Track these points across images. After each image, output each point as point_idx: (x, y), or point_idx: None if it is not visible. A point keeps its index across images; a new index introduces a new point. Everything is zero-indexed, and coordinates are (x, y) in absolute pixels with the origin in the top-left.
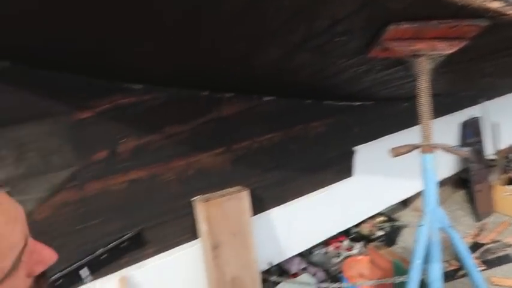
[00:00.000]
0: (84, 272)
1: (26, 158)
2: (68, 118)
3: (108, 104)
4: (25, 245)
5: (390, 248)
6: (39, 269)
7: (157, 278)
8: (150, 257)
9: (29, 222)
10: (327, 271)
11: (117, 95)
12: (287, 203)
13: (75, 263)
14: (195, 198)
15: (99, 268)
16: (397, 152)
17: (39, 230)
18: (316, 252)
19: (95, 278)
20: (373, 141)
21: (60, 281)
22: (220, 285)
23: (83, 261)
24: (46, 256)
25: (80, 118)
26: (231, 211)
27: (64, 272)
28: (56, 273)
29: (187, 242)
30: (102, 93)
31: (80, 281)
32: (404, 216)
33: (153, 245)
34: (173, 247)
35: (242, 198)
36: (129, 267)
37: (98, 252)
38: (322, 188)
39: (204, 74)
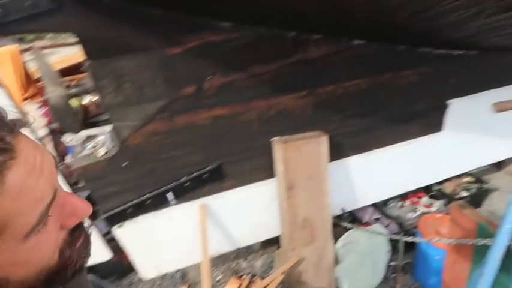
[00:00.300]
0: (170, 196)
1: (123, 88)
2: (160, 53)
3: (197, 40)
4: (53, 198)
5: (476, 210)
6: (72, 222)
7: (234, 210)
8: (229, 189)
9: (123, 147)
10: (400, 224)
11: (207, 32)
12: (367, 152)
13: (162, 187)
14: (274, 139)
15: (183, 194)
16: (502, 107)
17: (132, 155)
18: (392, 204)
19: (179, 203)
20: (471, 95)
21: (149, 201)
22: (291, 224)
23: (169, 186)
24: (79, 209)
25: (171, 53)
26: (308, 154)
27: (153, 193)
28: (145, 194)
29: (263, 180)
30: (193, 29)
31: (167, 203)
32: (496, 179)
33: (231, 179)
34: (250, 183)
35: (320, 143)
36: (209, 197)
37: (182, 180)
38: (406, 140)
39: (292, 14)
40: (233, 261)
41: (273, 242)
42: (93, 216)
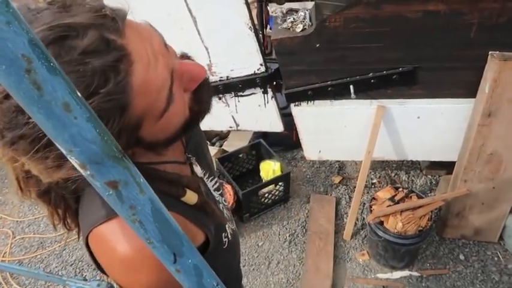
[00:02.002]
0: (352, 89)
1: None
2: None
3: None
4: (173, 78)
5: None
6: (192, 86)
7: (413, 121)
8: (415, 98)
9: (320, 27)
10: None
11: None
12: None
13: (347, 77)
14: (492, 52)
15: (366, 90)
16: None
17: (327, 37)
18: None
19: (358, 98)
20: None
21: (331, 88)
22: (474, 154)
23: (354, 78)
24: (195, 74)
25: None
26: None
27: (336, 82)
28: (328, 81)
29: (459, 97)
30: None
31: (347, 95)
32: None
33: (422, 87)
34: (442, 97)
35: None
36: (391, 100)
37: (369, 75)
38: None
39: None
40: (393, 171)
41: (443, 166)
42: (276, 89)
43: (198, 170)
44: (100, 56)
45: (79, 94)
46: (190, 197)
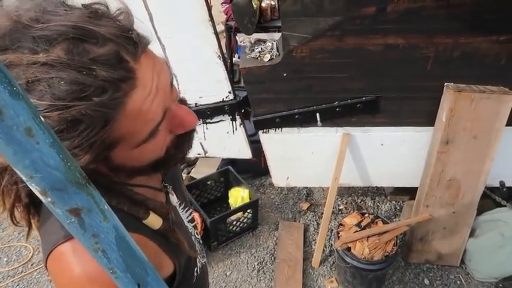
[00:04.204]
0: (318, 117)
1: None
2: None
3: None
4: (163, 117)
5: None
6: (179, 131)
7: (376, 148)
8: (378, 126)
9: (287, 57)
10: None
11: None
12: None
13: (313, 105)
14: (447, 84)
15: (331, 118)
16: None
17: (294, 67)
18: None
19: (324, 125)
20: None
21: (298, 116)
22: (435, 180)
23: (320, 107)
24: (186, 121)
25: None
26: (483, 111)
27: (303, 110)
28: (295, 109)
29: (418, 125)
30: None
31: (314, 122)
32: None
33: (384, 116)
34: (403, 125)
35: (504, 102)
36: (355, 128)
37: (334, 104)
38: None
39: None
40: (359, 197)
41: (406, 191)
42: (244, 116)
43: (173, 199)
44: (108, 69)
45: (42, 119)
46: (154, 221)
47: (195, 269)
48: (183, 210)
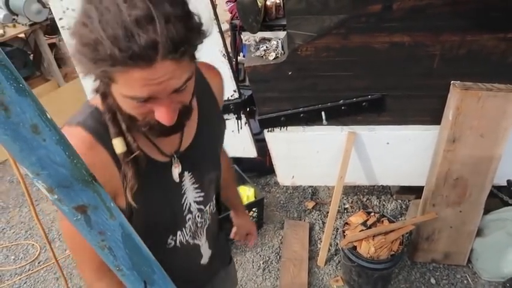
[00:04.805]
0: (323, 115)
1: None
2: None
3: None
4: (145, 100)
5: None
6: (152, 118)
7: (382, 146)
8: (383, 124)
9: (292, 56)
10: None
11: None
12: None
13: (318, 104)
14: (453, 82)
15: (336, 117)
16: None
17: (299, 66)
18: None
19: (329, 124)
20: None
21: (303, 115)
22: (441, 179)
23: (325, 105)
24: (163, 119)
25: None
26: (490, 110)
27: (308, 108)
28: (300, 107)
29: (424, 124)
30: None
31: (319, 121)
32: None
33: (390, 114)
34: (408, 124)
35: (510, 100)
36: (360, 126)
37: (339, 102)
38: None
39: None
40: (364, 196)
41: (412, 190)
42: (249, 115)
43: (175, 172)
44: (141, 44)
45: (48, 116)
46: (117, 146)
47: (171, 237)
48: (194, 189)
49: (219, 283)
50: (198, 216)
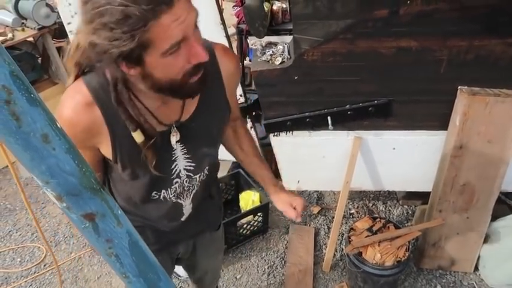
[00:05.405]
0: (329, 120)
1: (315, 0)
2: None
3: None
4: (181, 40)
5: None
6: (193, 60)
7: (388, 152)
8: (390, 129)
9: (299, 60)
10: None
11: None
12: None
13: (324, 109)
14: (461, 87)
15: (342, 122)
16: None
17: (305, 70)
18: None
19: (335, 129)
20: None
21: (309, 120)
22: (448, 185)
23: (331, 110)
24: (199, 54)
25: None
26: (498, 115)
27: (314, 113)
28: (306, 112)
29: (431, 129)
30: None
31: (325, 126)
32: None
33: (397, 119)
34: (415, 129)
35: None
36: (367, 131)
37: (346, 107)
38: None
39: None
40: (370, 201)
41: (419, 196)
42: (255, 119)
43: (173, 139)
44: None
45: (58, 125)
46: (137, 136)
47: (155, 192)
48: (185, 159)
49: (202, 243)
50: (186, 182)
